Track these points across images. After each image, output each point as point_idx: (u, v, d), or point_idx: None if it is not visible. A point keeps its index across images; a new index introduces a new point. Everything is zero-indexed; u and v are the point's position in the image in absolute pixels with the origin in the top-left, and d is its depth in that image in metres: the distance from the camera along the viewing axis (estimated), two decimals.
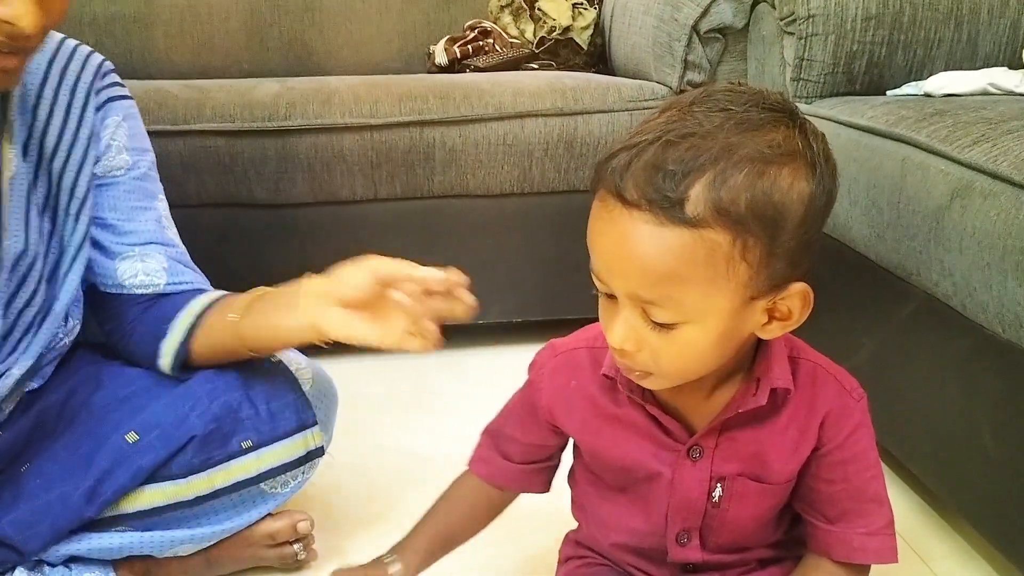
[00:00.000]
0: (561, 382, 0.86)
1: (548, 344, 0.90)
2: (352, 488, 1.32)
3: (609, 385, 0.83)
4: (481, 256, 1.70)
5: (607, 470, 0.86)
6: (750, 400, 0.77)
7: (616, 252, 0.69)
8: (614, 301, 0.72)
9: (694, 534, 0.83)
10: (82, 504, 1.00)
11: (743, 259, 0.67)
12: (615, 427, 0.83)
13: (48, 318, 1.04)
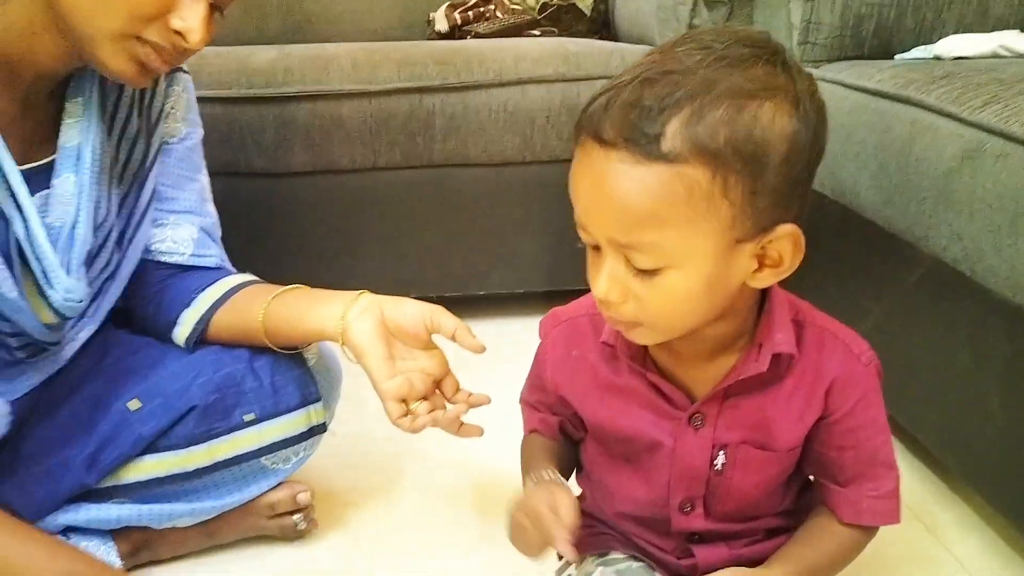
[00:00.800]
0: (563, 352, 0.85)
1: (551, 312, 0.88)
2: (354, 459, 1.32)
3: (610, 354, 0.81)
4: (482, 226, 1.68)
5: (610, 440, 0.84)
6: (751, 366, 0.76)
7: (595, 195, 0.68)
8: (599, 253, 0.70)
9: (698, 503, 0.82)
10: (82, 471, 1.00)
11: (724, 197, 0.65)
12: (616, 397, 0.82)
13: (115, 282, 1.06)
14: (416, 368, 0.98)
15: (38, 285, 0.93)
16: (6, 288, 0.90)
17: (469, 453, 1.32)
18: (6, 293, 0.90)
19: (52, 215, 0.95)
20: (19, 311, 0.92)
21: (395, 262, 1.66)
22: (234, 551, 1.13)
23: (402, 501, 1.25)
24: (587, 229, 0.70)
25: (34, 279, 0.93)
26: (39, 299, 0.94)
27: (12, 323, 0.93)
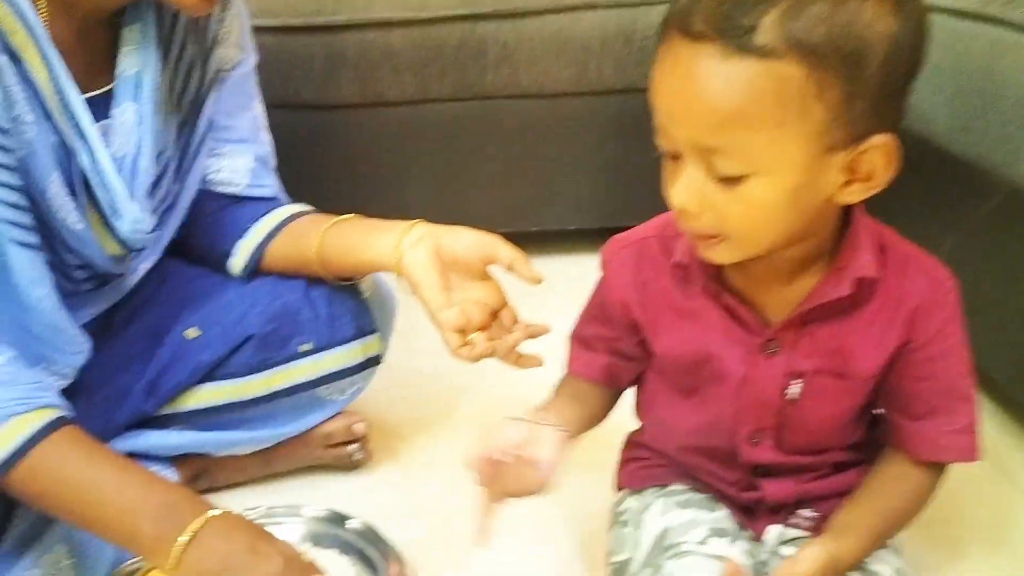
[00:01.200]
0: (631, 275, 0.82)
1: (613, 238, 0.85)
2: (406, 391, 1.32)
3: (681, 276, 0.78)
4: (534, 160, 1.64)
5: (677, 367, 0.82)
6: (833, 290, 0.73)
7: (678, 93, 0.65)
8: (678, 161, 0.68)
9: (767, 434, 0.80)
10: (141, 398, 1.01)
11: (819, 99, 0.61)
12: (687, 321, 0.79)
13: (174, 214, 1.06)
14: (472, 299, 0.96)
15: (104, 216, 0.93)
16: (72, 220, 0.89)
17: (521, 390, 1.30)
18: (72, 225, 0.90)
19: (114, 146, 0.94)
20: (85, 243, 0.92)
21: (444, 196, 1.64)
22: (290, 480, 1.14)
23: (454, 436, 1.24)
24: (667, 134, 0.67)
25: (99, 210, 0.92)
26: (104, 230, 0.94)
27: (78, 255, 0.93)
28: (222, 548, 0.78)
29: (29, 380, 0.84)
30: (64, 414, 0.84)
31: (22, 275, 0.86)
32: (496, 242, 0.96)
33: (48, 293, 0.88)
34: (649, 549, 0.82)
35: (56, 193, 0.88)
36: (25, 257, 0.85)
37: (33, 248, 0.86)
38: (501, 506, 0.81)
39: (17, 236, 0.85)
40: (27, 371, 0.85)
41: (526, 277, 0.93)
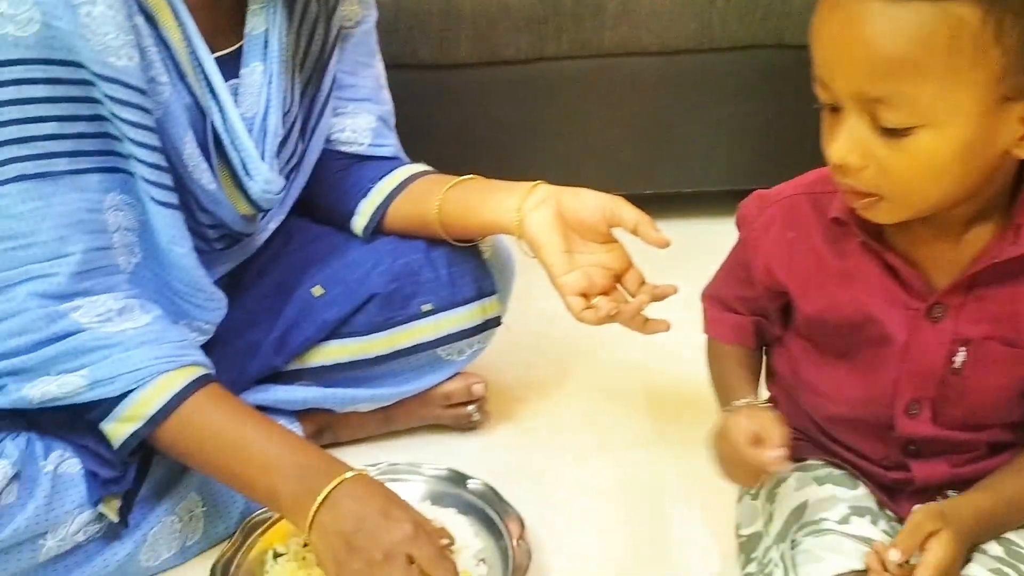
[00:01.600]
0: (778, 234, 0.78)
1: (754, 195, 0.81)
2: (523, 354, 1.31)
3: (835, 234, 0.74)
4: (654, 120, 1.60)
5: (828, 333, 0.77)
6: (1007, 248, 0.67)
7: (841, 40, 0.61)
8: (838, 114, 0.64)
9: (926, 405, 0.75)
10: (270, 353, 1.03)
11: (997, 43, 0.57)
12: (841, 282, 0.74)
13: (300, 173, 1.07)
14: (595, 262, 0.94)
15: (235, 176, 0.94)
16: (206, 180, 0.91)
17: (637, 354, 1.29)
18: (206, 185, 0.91)
19: (243, 105, 0.95)
20: (218, 202, 0.94)
21: (560, 157, 1.61)
22: (409, 437, 1.15)
23: (571, 399, 1.24)
24: (828, 84, 0.63)
25: (230, 171, 0.94)
26: (236, 190, 0.95)
27: (211, 215, 0.95)
28: (356, 510, 0.80)
29: (176, 338, 0.87)
30: (208, 372, 0.87)
31: (163, 233, 0.88)
32: (620, 204, 0.93)
33: (188, 251, 0.90)
34: (783, 524, 0.79)
35: (191, 153, 0.89)
36: (166, 216, 0.88)
37: (173, 207, 0.88)
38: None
39: (158, 195, 0.87)
40: (173, 328, 0.88)
41: (651, 240, 0.90)
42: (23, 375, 0.81)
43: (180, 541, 0.95)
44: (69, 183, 0.82)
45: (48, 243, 0.81)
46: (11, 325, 0.80)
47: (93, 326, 0.82)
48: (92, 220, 0.84)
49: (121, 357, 0.82)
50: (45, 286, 0.81)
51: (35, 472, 0.84)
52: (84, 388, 0.81)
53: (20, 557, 0.82)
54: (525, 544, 0.90)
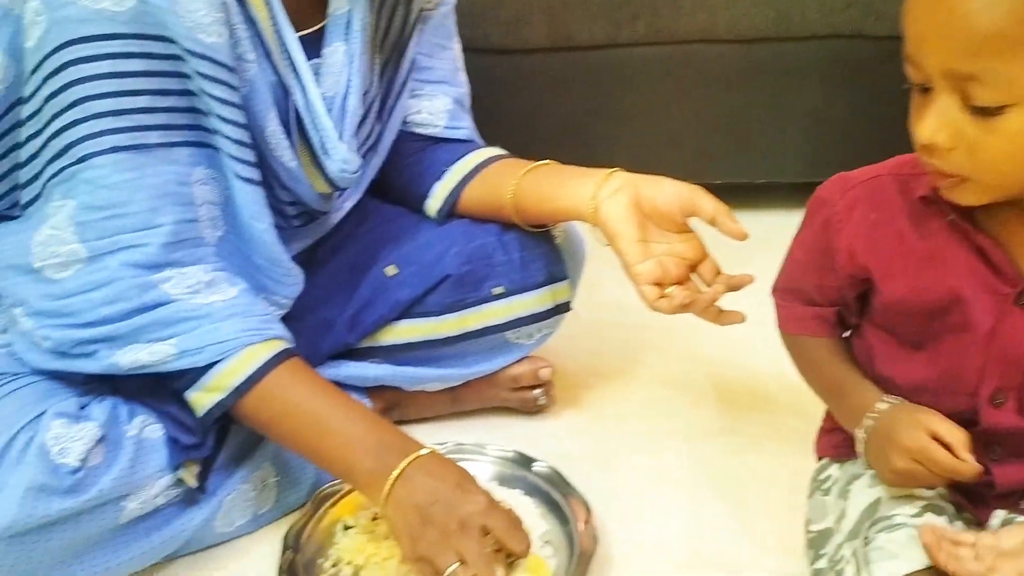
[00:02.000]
0: (860, 216, 0.76)
1: (835, 177, 0.80)
2: (590, 341, 1.31)
3: (921, 215, 0.72)
4: (730, 109, 1.58)
5: (909, 320, 0.76)
6: None
7: (934, 15, 0.60)
8: (928, 94, 0.62)
9: (1011, 394, 0.73)
10: (344, 330, 1.05)
11: None
12: (927, 265, 0.73)
13: (377, 154, 1.09)
14: (670, 252, 0.93)
15: (313, 155, 0.96)
16: (287, 158, 0.93)
17: (706, 346, 1.28)
18: (287, 163, 0.93)
19: (324, 85, 0.96)
20: (298, 180, 0.95)
21: (633, 145, 1.60)
22: (475, 419, 1.16)
23: (637, 388, 1.23)
24: (919, 62, 0.62)
25: (310, 149, 0.95)
26: (314, 169, 0.97)
27: (291, 192, 0.96)
28: (430, 484, 0.81)
29: (260, 311, 0.89)
30: (291, 346, 0.89)
31: (245, 208, 0.90)
32: (699, 193, 0.92)
33: (268, 227, 0.92)
34: (856, 520, 0.78)
35: (273, 131, 0.91)
36: (248, 191, 0.90)
37: (255, 183, 0.90)
38: None
39: (241, 171, 0.89)
40: (258, 302, 0.90)
41: (730, 231, 0.89)
42: (114, 342, 0.84)
43: (253, 509, 0.97)
44: (161, 156, 0.84)
45: (140, 213, 0.83)
46: (104, 293, 0.83)
47: (183, 297, 0.85)
48: (181, 193, 0.86)
49: (209, 328, 0.84)
50: (137, 256, 0.83)
51: (120, 436, 0.87)
52: (173, 357, 0.84)
53: (104, 518, 0.85)
54: (591, 528, 0.91)
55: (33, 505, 0.79)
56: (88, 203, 0.82)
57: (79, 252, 0.83)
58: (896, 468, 0.73)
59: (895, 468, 0.73)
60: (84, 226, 0.82)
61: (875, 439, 0.76)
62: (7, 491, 0.79)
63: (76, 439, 0.83)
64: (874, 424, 0.76)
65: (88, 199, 0.82)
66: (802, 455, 0.97)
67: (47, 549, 0.81)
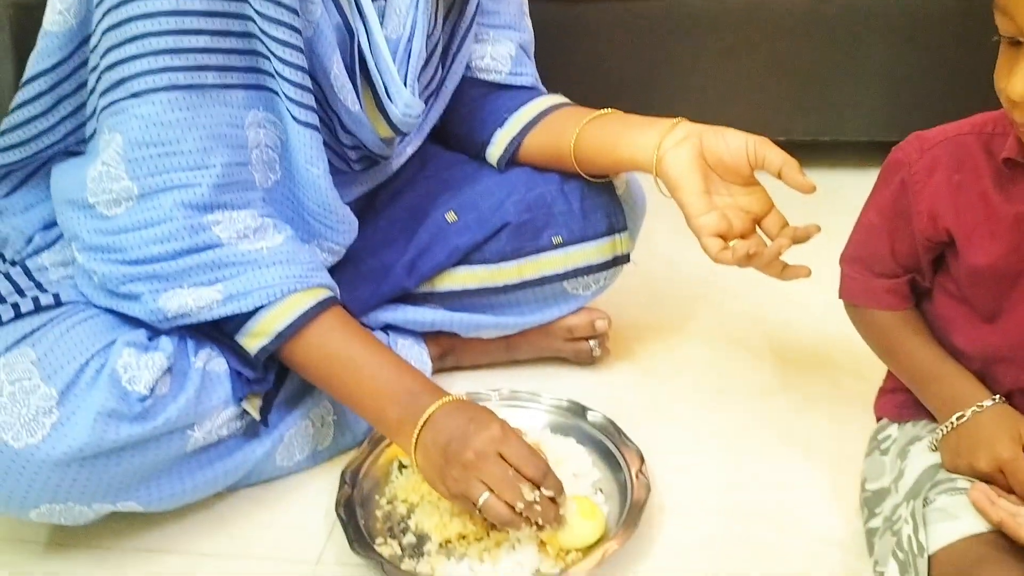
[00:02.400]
0: (943, 177, 0.74)
1: (912, 137, 0.77)
2: (645, 295, 1.31)
3: (1006, 177, 0.70)
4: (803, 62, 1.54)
5: (988, 286, 0.74)
6: None
7: None
8: (1019, 48, 0.60)
9: None
10: (403, 275, 1.05)
11: None
12: (1010, 231, 0.71)
13: (439, 99, 1.09)
14: (734, 205, 0.92)
15: (377, 99, 0.96)
16: (350, 101, 0.93)
17: (761, 304, 1.27)
18: (350, 106, 0.93)
19: (388, 28, 0.96)
20: (360, 124, 0.95)
21: (698, 97, 1.57)
22: (529, 368, 1.16)
23: (691, 343, 1.23)
24: (1012, 13, 0.60)
25: (373, 93, 0.95)
26: (377, 113, 0.97)
27: (352, 136, 0.97)
28: (448, 424, 0.83)
29: (306, 259, 0.90)
30: (334, 295, 0.90)
31: (301, 153, 0.90)
32: (766, 145, 0.91)
33: (323, 172, 0.92)
34: (914, 481, 0.77)
35: (337, 74, 0.91)
36: (306, 136, 0.90)
37: (312, 127, 0.90)
38: None
39: (299, 115, 0.89)
40: (304, 249, 0.91)
41: (797, 184, 0.88)
42: (159, 283, 0.85)
43: (312, 445, 1.00)
44: (216, 96, 0.85)
45: (193, 153, 0.84)
46: (156, 232, 0.84)
47: (231, 242, 0.86)
48: (234, 135, 0.86)
49: (255, 275, 0.86)
50: (189, 196, 0.84)
51: (186, 367, 0.89)
52: (219, 303, 0.85)
53: (170, 445, 0.87)
54: (644, 478, 0.91)
55: (104, 429, 0.82)
56: (140, 139, 0.83)
57: (131, 189, 0.83)
58: (979, 468, 0.72)
59: (978, 467, 0.72)
60: (135, 163, 0.83)
61: (965, 432, 0.75)
62: (79, 414, 0.81)
63: (145, 368, 0.85)
64: (969, 419, 0.74)
65: (140, 135, 0.83)
66: (860, 416, 0.96)
67: (116, 473, 0.84)
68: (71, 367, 0.83)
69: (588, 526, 0.85)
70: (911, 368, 0.82)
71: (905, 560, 0.73)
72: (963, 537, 0.70)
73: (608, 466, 0.96)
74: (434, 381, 0.90)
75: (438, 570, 0.85)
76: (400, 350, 1.08)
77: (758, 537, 0.90)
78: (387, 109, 0.96)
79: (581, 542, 0.85)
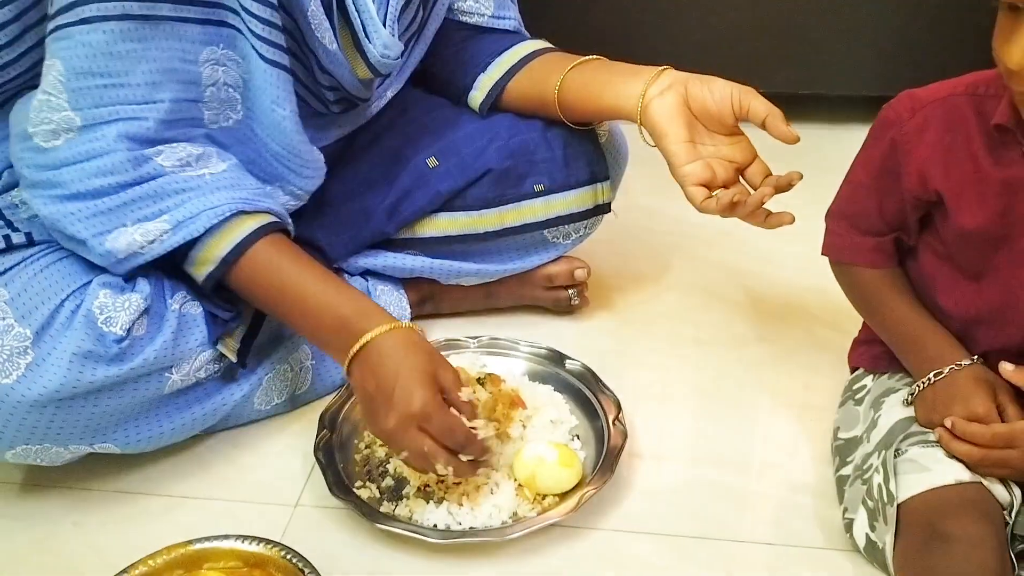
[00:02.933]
0: (934, 137, 0.74)
1: (903, 95, 0.77)
2: (623, 245, 1.31)
3: (996, 141, 0.71)
4: (787, 12, 1.52)
5: (974, 247, 0.75)
6: None
7: None
8: (1018, 14, 0.60)
9: None
10: (383, 219, 1.05)
11: None
12: (997, 195, 0.72)
13: (420, 43, 1.06)
14: (718, 155, 0.92)
15: (356, 39, 0.94)
16: (327, 39, 0.91)
17: (737, 257, 1.28)
18: (327, 44, 0.91)
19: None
20: (338, 63, 0.93)
21: (682, 44, 1.55)
22: (508, 315, 1.17)
23: (668, 293, 1.23)
24: None
25: (352, 33, 0.93)
26: (355, 53, 0.95)
27: (330, 75, 0.95)
28: (381, 368, 0.81)
29: (252, 184, 0.89)
30: (279, 220, 0.89)
31: (266, 93, 0.88)
32: (751, 94, 0.90)
33: (290, 113, 0.90)
34: (887, 432, 0.79)
35: (314, 11, 0.89)
36: (272, 75, 0.87)
37: (279, 67, 0.88)
38: None
39: (266, 53, 0.86)
40: (248, 177, 0.89)
41: (781, 134, 0.87)
42: (103, 222, 0.83)
43: (290, 389, 1.00)
44: (170, 30, 0.82)
45: (141, 86, 0.82)
46: (99, 164, 0.81)
47: (174, 170, 0.84)
48: (186, 70, 0.84)
49: (201, 199, 0.84)
50: (135, 129, 0.82)
51: (163, 309, 0.88)
52: (168, 232, 0.83)
53: (148, 387, 0.87)
54: (621, 425, 0.92)
55: (80, 371, 0.81)
56: (85, 68, 0.80)
57: (73, 120, 0.81)
58: (954, 414, 0.74)
59: (952, 413, 0.74)
60: (79, 92, 0.80)
61: (942, 388, 0.76)
62: (54, 356, 0.81)
63: (121, 309, 0.84)
64: (946, 376, 0.76)
65: (86, 63, 0.80)
66: (834, 366, 0.98)
67: (92, 414, 0.84)
68: (46, 308, 0.82)
69: (566, 472, 0.87)
70: (892, 326, 0.83)
71: (874, 508, 0.75)
72: (932, 488, 0.72)
73: (585, 413, 0.97)
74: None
75: (416, 513, 0.86)
76: (379, 296, 1.07)
77: (731, 484, 0.92)
78: (365, 49, 0.94)
79: (559, 487, 0.86)
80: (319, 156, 0.97)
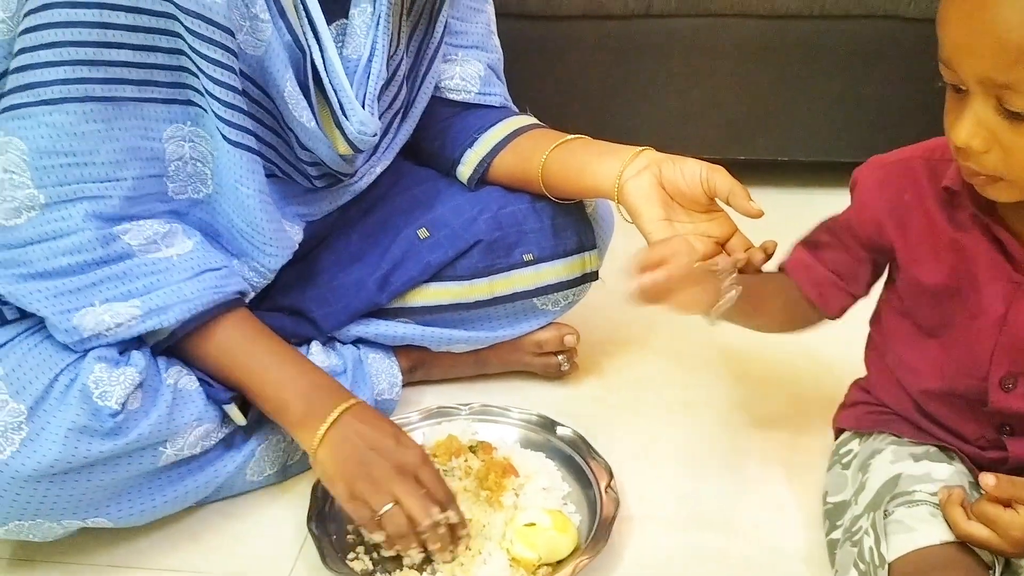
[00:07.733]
0: (892, 194, 0.79)
1: (871, 160, 0.82)
2: (613, 311, 1.32)
3: (947, 202, 0.75)
4: (756, 85, 1.58)
5: (926, 303, 0.78)
6: None
7: (969, 25, 0.61)
8: (963, 95, 0.64)
9: (1021, 379, 0.75)
10: (374, 290, 1.06)
11: None
12: (948, 251, 0.76)
13: (407, 121, 1.08)
14: (695, 231, 0.94)
15: (335, 116, 0.95)
16: (305, 118, 0.92)
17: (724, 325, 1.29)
18: (305, 123, 0.93)
19: (348, 47, 0.96)
20: (317, 140, 0.95)
21: (662, 116, 1.60)
22: (498, 381, 1.18)
23: (657, 358, 1.25)
24: (955, 67, 0.64)
25: (330, 110, 0.95)
26: (334, 130, 0.96)
27: (310, 152, 0.96)
28: (367, 431, 0.87)
29: (219, 261, 0.91)
30: (240, 296, 0.92)
31: (230, 172, 0.89)
32: (716, 172, 0.92)
33: (254, 192, 0.91)
34: (876, 494, 0.80)
35: (291, 92, 0.90)
36: (235, 155, 0.88)
37: (243, 147, 0.88)
38: None
39: (229, 134, 0.87)
40: (214, 253, 0.91)
41: (744, 210, 0.90)
42: (70, 300, 0.83)
43: (282, 460, 1.00)
44: (132, 110, 0.83)
45: (105, 164, 0.83)
46: (67, 243, 0.82)
47: (142, 250, 0.86)
48: (148, 148, 0.85)
49: (173, 288, 0.86)
50: (101, 207, 0.83)
51: (158, 383, 0.88)
52: (138, 318, 0.85)
53: (142, 461, 0.87)
54: (613, 493, 0.93)
55: (75, 445, 0.81)
56: (50, 147, 0.81)
57: (36, 198, 0.81)
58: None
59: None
60: (43, 171, 0.81)
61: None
62: (49, 430, 0.81)
63: (116, 383, 0.84)
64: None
65: (50, 143, 0.80)
66: (819, 430, 0.99)
67: (86, 489, 0.84)
68: (40, 382, 0.83)
69: (562, 538, 0.87)
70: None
71: (866, 571, 0.76)
72: (918, 548, 0.73)
73: (577, 480, 0.97)
74: (404, 395, 0.92)
75: None
76: (370, 363, 1.08)
77: (722, 548, 0.93)
78: (343, 126, 0.96)
79: (556, 553, 0.87)
80: (287, 236, 0.98)
